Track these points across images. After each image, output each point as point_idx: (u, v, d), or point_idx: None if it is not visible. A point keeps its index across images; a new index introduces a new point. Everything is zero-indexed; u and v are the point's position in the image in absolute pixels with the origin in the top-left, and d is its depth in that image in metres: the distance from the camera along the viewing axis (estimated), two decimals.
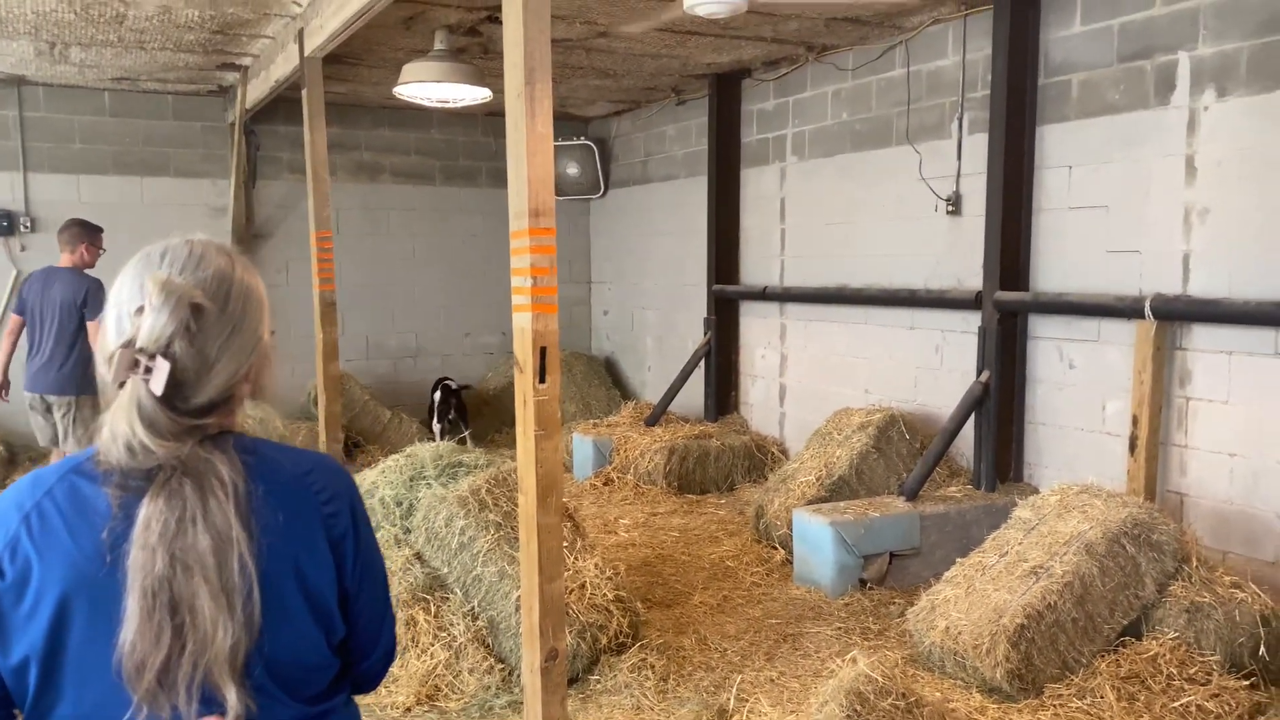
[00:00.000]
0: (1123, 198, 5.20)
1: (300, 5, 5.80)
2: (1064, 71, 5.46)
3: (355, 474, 6.21)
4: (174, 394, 1.27)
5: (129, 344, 1.27)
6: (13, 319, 6.26)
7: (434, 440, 8.54)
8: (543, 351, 3.41)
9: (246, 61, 7.41)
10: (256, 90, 7.43)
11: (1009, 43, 5.52)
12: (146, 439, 1.24)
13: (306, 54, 5.87)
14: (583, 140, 10.06)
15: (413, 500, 4.75)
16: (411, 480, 4.81)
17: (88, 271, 6.25)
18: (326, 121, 6.20)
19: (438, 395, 8.76)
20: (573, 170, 10.14)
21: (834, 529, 5.16)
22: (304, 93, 6.05)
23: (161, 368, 1.25)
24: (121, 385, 1.26)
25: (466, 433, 8.35)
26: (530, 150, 3.33)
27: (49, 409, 6.10)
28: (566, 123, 10.15)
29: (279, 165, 9.05)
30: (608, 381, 10.08)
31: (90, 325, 5.99)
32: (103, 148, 8.41)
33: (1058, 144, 5.52)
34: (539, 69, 3.28)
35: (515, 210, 3.43)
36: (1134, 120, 5.12)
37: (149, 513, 1.23)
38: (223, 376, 1.32)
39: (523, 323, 3.43)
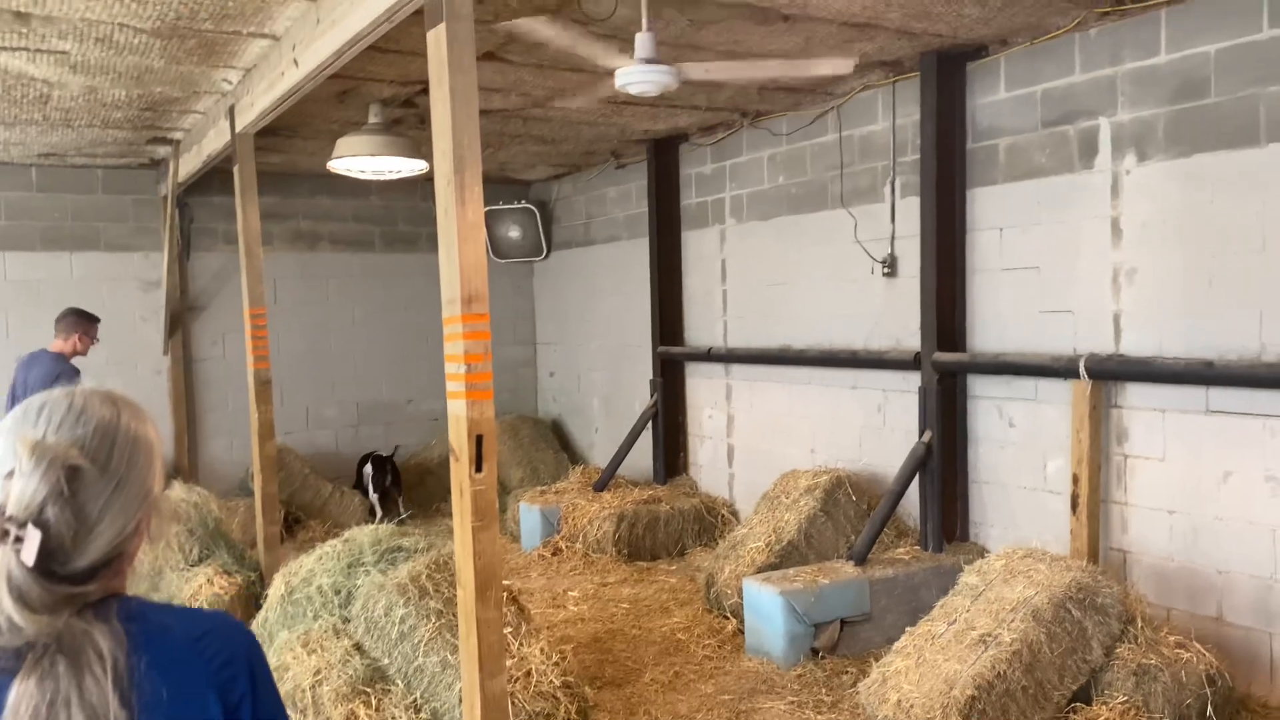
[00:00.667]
0: (1053, 259, 5.30)
1: (230, 83, 5.74)
2: (991, 136, 5.59)
3: (294, 558, 6.04)
4: (49, 561, 1.19)
5: None
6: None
7: (374, 513, 8.39)
8: (479, 439, 3.34)
9: (178, 135, 7.30)
10: (189, 164, 7.32)
11: (936, 109, 5.64)
12: (16, 615, 1.15)
13: (238, 130, 5.80)
14: (524, 204, 10.06)
15: (351, 588, 4.61)
16: (350, 567, 4.68)
17: (75, 360, 6.47)
18: (263, 191, 6.13)
19: (368, 469, 8.60)
20: (514, 233, 10.13)
21: (784, 598, 5.11)
22: (236, 168, 5.97)
23: (32, 537, 1.17)
24: None
25: (405, 514, 8.18)
26: (461, 236, 3.30)
27: None
28: (507, 186, 10.16)
29: (214, 236, 8.90)
30: (555, 444, 9.97)
31: None
32: (30, 223, 8.21)
33: (988, 206, 5.62)
34: (468, 156, 3.26)
35: (448, 297, 3.38)
36: (1060, 183, 5.23)
37: (17, 696, 1.15)
38: (106, 537, 1.24)
39: (457, 410, 3.37)
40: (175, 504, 5.53)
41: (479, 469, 3.32)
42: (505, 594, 4.26)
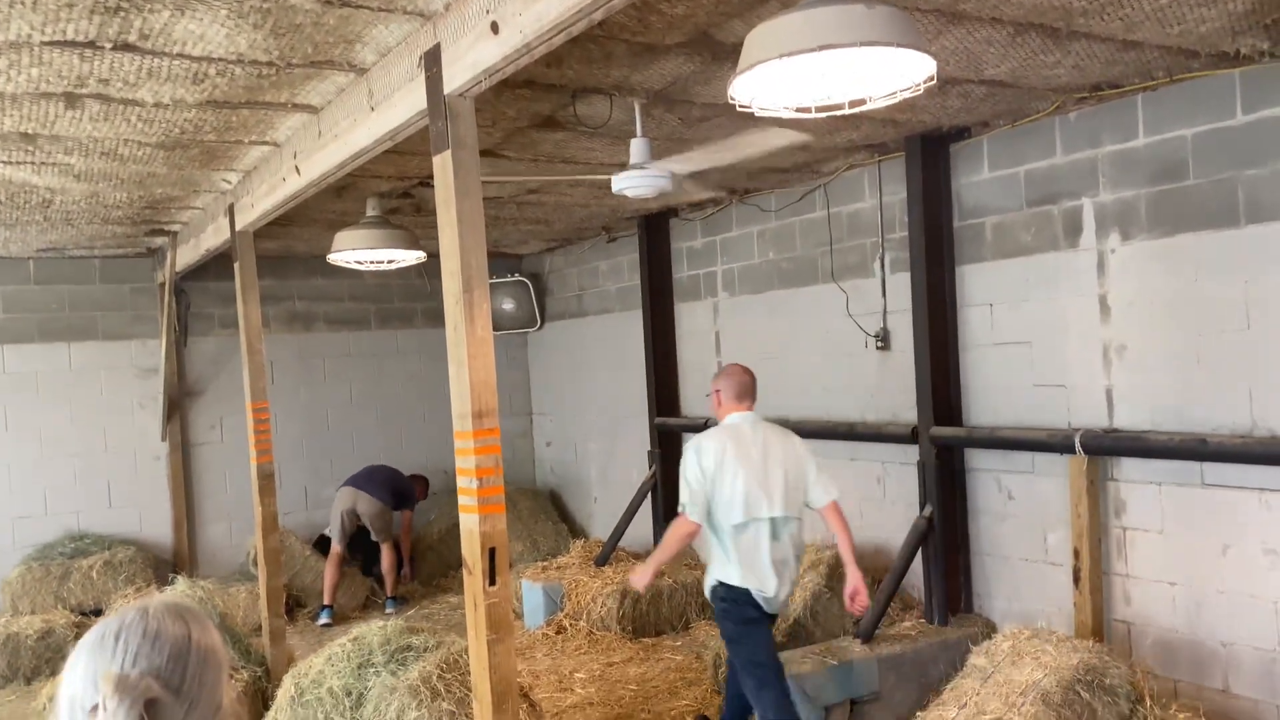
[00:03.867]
0: (1044, 334, 5.41)
1: (230, 183, 5.84)
2: (977, 215, 5.72)
3: (299, 650, 6.01)
4: None
5: None
6: None
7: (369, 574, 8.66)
8: (491, 553, 3.38)
9: (175, 228, 7.40)
10: (187, 255, 7.41)
11: (923, 188, 5.77)
12: None
13: (238, 229, 5.89)
14: (517, 277, 10.18)
15: (362, 690, 4.60)
16: (360, 668, 4.67)
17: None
18: (259, 274, 6.18)
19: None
20: (508, 306, 10.22)
21: (794, 682, 5.10)
22: (236, 265, 6.05)
23: None
24: None
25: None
26: (471, 353, 3.37)
27: (356, 517, 8.20)
28: (500, 260, 10.26)
29: (210, 322, 8.96)
30: (554, 515, 9.98)
31: (403, 514, 8.62)
32: (27, 316, 8.26)
33: (977, 283, 5.73)
34: (476, 276, 3.35)
35: (459, 412, 3.44)
36: (1047, 261, 5.36)
37: None
38: None
39: (470, 524, 3.41)
40: (237, 707, 5.47)
41: (492, 582, 3.36)
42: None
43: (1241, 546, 4.57)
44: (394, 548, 8.44)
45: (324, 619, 8.05)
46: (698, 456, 4.50)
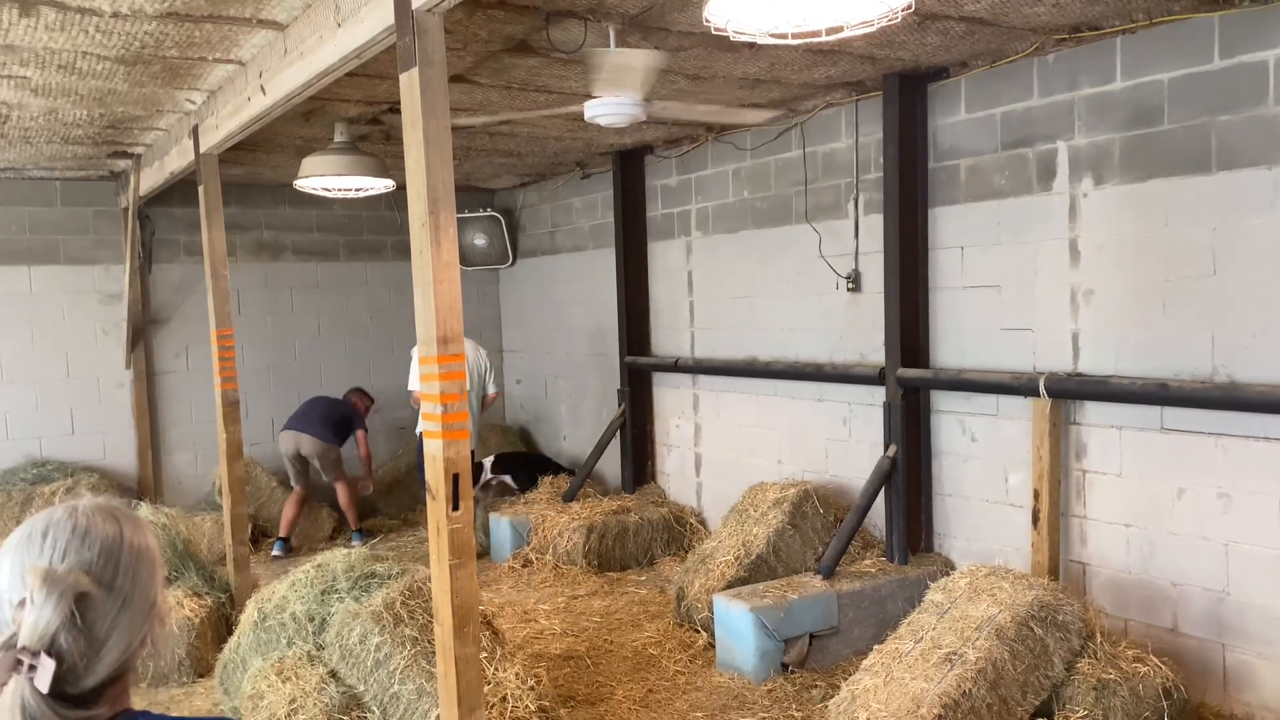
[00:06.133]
0: (1013, 278, 5.42)
1: (194, 103, 5.69)
2: (952, 156, 5.69)
3: (263, 578, 6.01)
4: (61, 684, 1.22)
5: (10, 644, 1.21)
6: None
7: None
8: (455, 478, 3.38)
9: (139, 150, 7.22)
10: (151, 179, 7.24)
11: (899, 129, 5.73)
12: None
13: (203, 151, 5.76)
14: (489, 212, 10.06)
15: (325, 615, 4.62)
16: (323, 594, 4.69)
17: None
18: (225, 202, 6.07)
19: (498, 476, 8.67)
20: (480, 241, 10.12)
21: (754, 615, 5.19)
22: (200, 189, 5.92)
23: (47, 666, 1.20)
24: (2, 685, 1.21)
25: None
26: (437, 278, 3.32)
27: (303, 460, 8.13)
28: (472, 194, 10.14)
29: (175, 248, 8.81)
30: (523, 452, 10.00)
31: (357, 436, 8.37)
32: None
33: (949, 225, 5.73)
34: (442, 199, 3.29)
35: (423, 337, 3.41)
36: (1020, 205, 5.35)
37: None
38: (114, 653, 1.27)
39: (434, 449, 3.40)
40: (173, 608, 5.40)
41: (455, 507, 3.36)
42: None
43: (1196, 490, 4.66)
44: (347, 482, 8.35)
45: (277, 550, 8.03)
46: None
